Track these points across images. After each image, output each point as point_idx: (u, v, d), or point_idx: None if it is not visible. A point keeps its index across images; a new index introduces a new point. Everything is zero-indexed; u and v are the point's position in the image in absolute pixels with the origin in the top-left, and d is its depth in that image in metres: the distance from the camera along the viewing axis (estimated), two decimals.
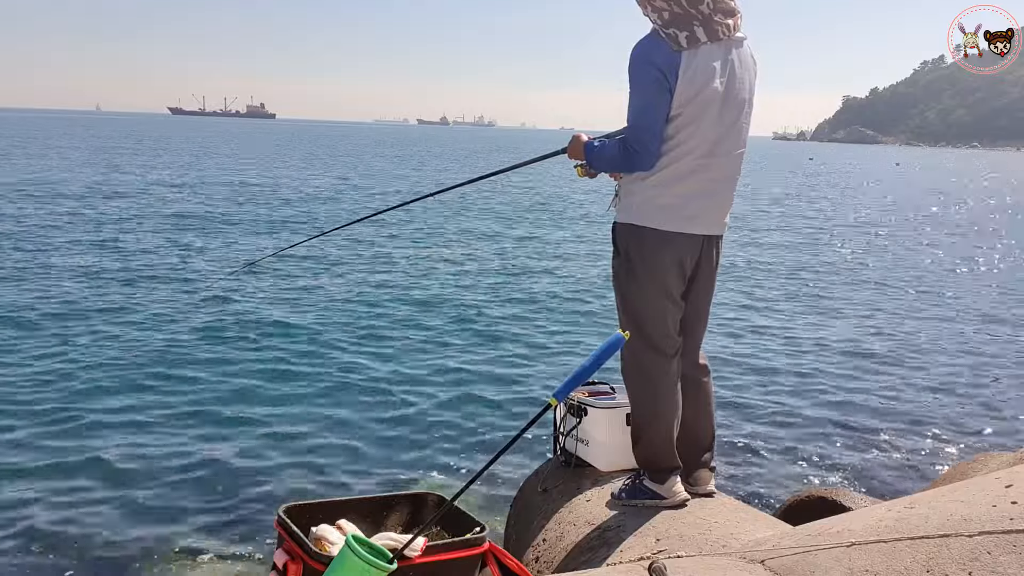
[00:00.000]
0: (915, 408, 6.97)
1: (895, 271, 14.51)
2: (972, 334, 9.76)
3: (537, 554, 3.05)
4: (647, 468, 2.95)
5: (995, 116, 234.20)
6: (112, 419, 6.02)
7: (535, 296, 10.98)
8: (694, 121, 2.65)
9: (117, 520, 4.63)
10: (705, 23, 2.60)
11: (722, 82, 2.65)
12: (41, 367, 7.06)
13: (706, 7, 2.59)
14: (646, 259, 2.77)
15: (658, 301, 2.81)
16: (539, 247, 15.61)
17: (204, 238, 14.88)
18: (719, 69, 2.64)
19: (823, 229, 20.86)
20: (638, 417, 2.93)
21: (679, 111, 2.64)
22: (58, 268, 11.30)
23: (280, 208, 20.43)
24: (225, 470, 5.30)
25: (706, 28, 2.60)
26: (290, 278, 11.48)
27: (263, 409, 6.36)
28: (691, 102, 2.62)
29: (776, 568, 2.22)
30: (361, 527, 2.49)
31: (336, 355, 7.84)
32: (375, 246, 14.78)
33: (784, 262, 14.92)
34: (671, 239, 2.74)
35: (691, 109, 2.63)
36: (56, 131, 76.27)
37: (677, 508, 2.89)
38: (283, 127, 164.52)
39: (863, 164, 78.25)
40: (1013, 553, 1.81)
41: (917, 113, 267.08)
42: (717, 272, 2.94)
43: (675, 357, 2.89)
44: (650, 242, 2.75)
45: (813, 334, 9.40)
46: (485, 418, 6.38)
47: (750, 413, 6.66)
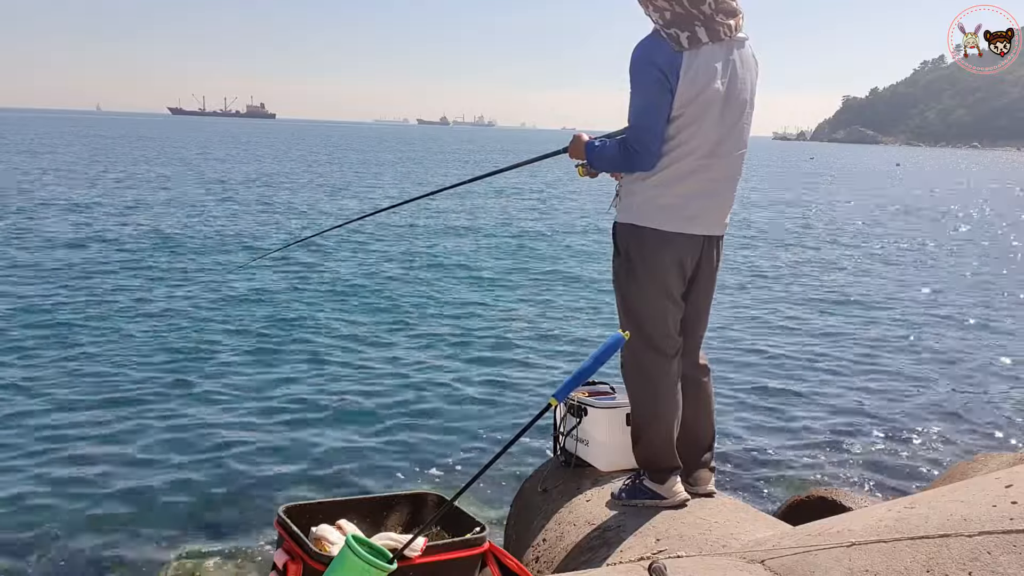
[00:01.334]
0: (915, 408, 6.97)
1: (895, 271, 14.51)
2: (972, 334, 9.76)
3: (537, 554, 3.05)
4: (647, 468, 2.95)
5: (995, 116, 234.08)
6: (112, 419, 6.02)
7: (535, 296, 10.98)
8: (695, 121, 2.65)
9: (117, 520, 4.63)
10: (707, 23, 2.59)
11: (723, 83, 2.64)
12: (41, 366, 7.06)
13: (708, 7, 2.58)
14: (646, 259, 2.77)
15: (658, 301, 2.81)
16: (539, 247, 15.61)
17: (205, 238, 14.88)
18: (720, 70, 2.63)
19: (823, 229, 20.85)
20: (638, 417, 2.93)
21: (680, 111, 2.63)
22: (51, 264, 11.31)
23: (285, 203, 20.44)
24: (225, 470, 5.30)
25: (708, 28, 2.59)
26: (289, 278, 11.48)
27: (263, 409, 6.36)
28: (692, 102, 2.62)
29: (776, 568, 2.22)
30: (361, 527, 2.49)
31: (336, 355, 7.84)
32: (374, 246, 14.78)
33: (784, 262, 14.91)
34: (671, 239, 2.74)
35: (692, 109, 2.63)
36: (80, 131, 76.26)
37: (677, 508, 2.89)
38: (283, 127, 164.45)
39: (863, 164, 78.24)
40: (1013, 553, 1.81)
41: (917, 113, 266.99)
42: (718, 272, 2.94)
43: (675, 357, 2.89)
44: (650, 242, 2.75)
45: (813, 334, 9.40)
46: (485, 418, 6.38)
47: (750, 413, 6.66)
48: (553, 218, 20.94)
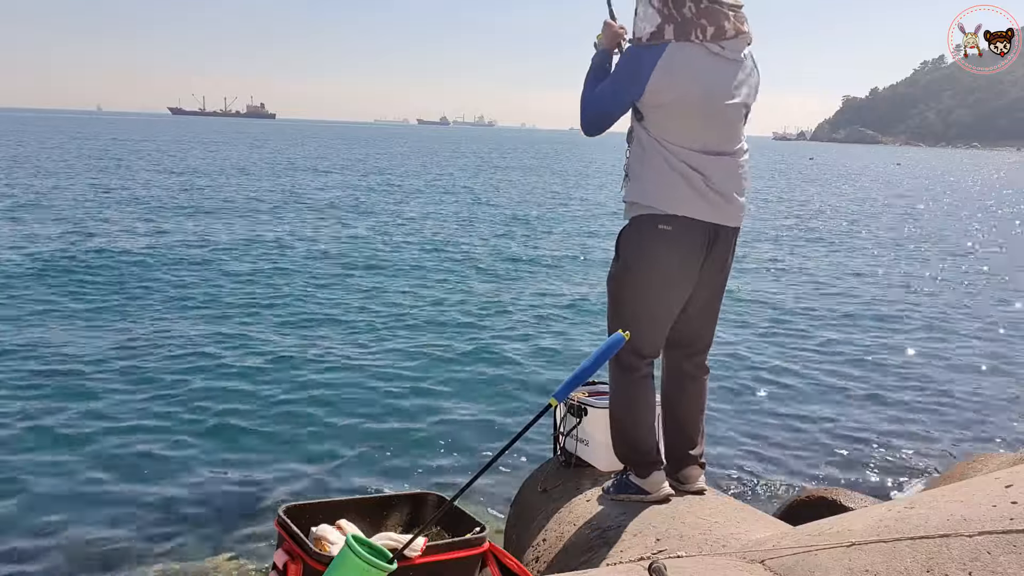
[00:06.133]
0: (916, 408, 6.96)
1: (896, 272, 14.51)
2: (972, 334, 9.76)
3: (537, 554, 3.05)
4: (628, 463, 3.02)
5: (995, 116, 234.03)
6: (111, 419, 6.01)
7: (535, 296, 10.98)
8: (680, 117, 2.70)
9: (117, 520, 4.63)
10: (689, 25, 2.65)
11: (708, 81, 2.68)
12: (39, 365, 7.06)
13: (688, 10, 2.64)
14: (644, 256, 2.79)
15: (652, 307, 2.85)
16: (540, 247, 15.60)
17: (206, 235, 14.88)
18: (703, 68, 2.67)
19: (824, 229, 20.85)
20: (616, 414, 3.00)
21: (663, 105, 2.69)
22: (56, 262, 11.32)
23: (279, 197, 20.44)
24: (225, 470, 5.30)
25: (688, 29, 2.65)
26: (288, 278, 11.48)
27: (263, 409, 6.36)
28: (671, 94, 2.66)
29: (776, 568, 2.22)
30: (361, 527, 2.49)
31: (336, 355, 7.83)
32: (374, 246, 14.78)
33: (784, 262, 14.91)
34: (675, 242, 2.76)
35: (673, 103, 2.68)
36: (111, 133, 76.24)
37: (661, 503, 2.93)
38: (283, 127, 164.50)
39: (864, 163, 78.24)
40: (1013, 553, 1.82)
41: (917, 113, 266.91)
42: (727, 274, 2.97)
43: (654, 358, 2.97)
44: (654, 245, 2.77)
45: (814, 334, 9.40)
46: (485, 418, 6.38)
47: (751, 413, 6.66)
48: (553, 218, 20.94)
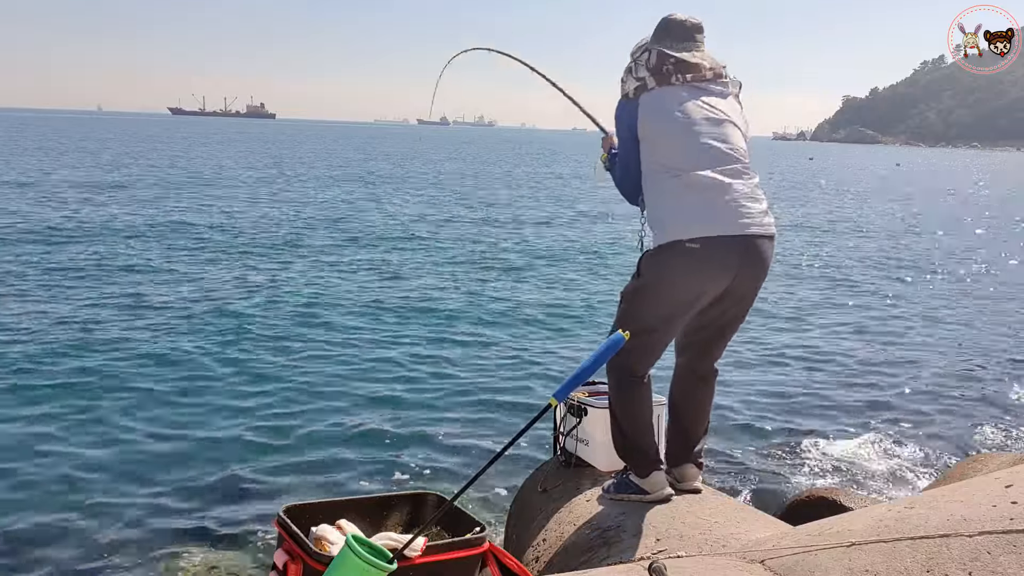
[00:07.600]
0: (916, 408, 6.97)
1: (896, 272, 14.51)
2: (972, 334, 9.76)
3: (537, 554, 3.05)
4: (628, 463, 3.02)
5: (995, 116, 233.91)
6: (111, 419, 6.02)
7: (536, 296, 10.97)
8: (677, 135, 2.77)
9: (117, 520, 4.63)
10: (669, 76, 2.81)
11: (690, 105, 2.77)
12: (39, 364, 7.06)
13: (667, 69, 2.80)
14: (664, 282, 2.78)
15: (660, 331, 2.86)
16: (540, 247, 15.61)
17: (206, 234, 14.89)
18: (681, 98, 2.79)
19: (824, 229, 20.86)
20: (616, 413, 3.00)
21: (652, 137, 2.80)
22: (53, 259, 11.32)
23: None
24: (225, 470, 5.30)
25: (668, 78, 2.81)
26: (288, 279, 11.48)
27: (263, 409, 6.36)
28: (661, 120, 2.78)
29: (776, 568, 2.22)
30: (361, 527, 2.49)
31: (335, 355, 7.84)
32: (374, 247, 14.78)
33: (784, 262, 14.91)
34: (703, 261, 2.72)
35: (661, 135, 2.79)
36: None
37: (662, 503, 2.92)
38: (283, 127, 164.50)
39: (864, 163, 78.25)
40: (1013, 553, 1.82)
41: (917, 113, 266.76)
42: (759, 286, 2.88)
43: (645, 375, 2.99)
44: (673, 271, 2.76)
45: (814, 334, 9.40)
46: (485, 418, 6.38)
47: (751, 413, 6.66)
48: (554, 219, 20.95)
